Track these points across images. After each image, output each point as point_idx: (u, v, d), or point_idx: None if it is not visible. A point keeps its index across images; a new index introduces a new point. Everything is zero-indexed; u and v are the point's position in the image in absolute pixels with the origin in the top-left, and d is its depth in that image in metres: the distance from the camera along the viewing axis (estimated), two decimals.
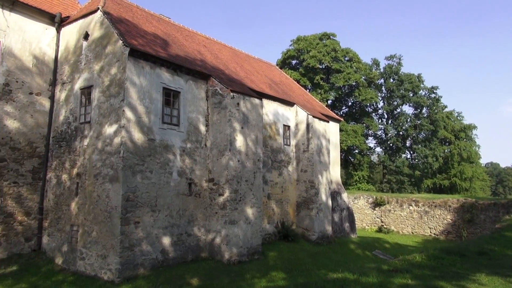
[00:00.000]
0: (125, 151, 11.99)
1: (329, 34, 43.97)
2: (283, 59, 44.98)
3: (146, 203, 12.48)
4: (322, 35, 44.01)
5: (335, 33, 44.13)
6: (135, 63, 12.58)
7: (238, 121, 14.83)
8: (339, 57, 42.42)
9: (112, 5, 14.92)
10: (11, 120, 13.54)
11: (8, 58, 13.61)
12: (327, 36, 43.93)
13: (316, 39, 43.46)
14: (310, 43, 42.83)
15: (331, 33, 44.07)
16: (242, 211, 14.55)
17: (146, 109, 12.79)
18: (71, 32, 14.55)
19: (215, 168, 14.66)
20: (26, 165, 13.89)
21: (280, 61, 45.07)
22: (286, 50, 44.98)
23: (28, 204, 13.87)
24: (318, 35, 44.05)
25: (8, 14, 13.69)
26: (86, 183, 12.87)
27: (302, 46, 42.94)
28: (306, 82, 41.83)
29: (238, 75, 18.46)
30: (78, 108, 13.72)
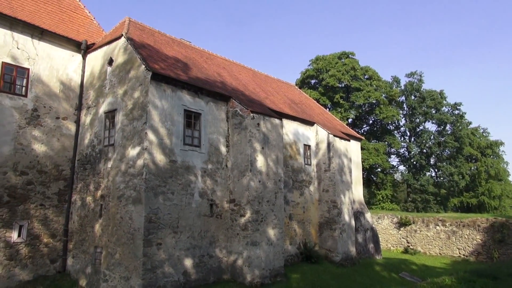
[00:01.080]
0: (148, 172, 12.15)
1: (347, 53, 44.06)
2: (302, 79, 45.20)
3: (168, 224, 12.52)
4: (340, 54, 44.14)
5: (353, 51, 44.21)
6: (157, 87, 12.87)
7: (259, 142, 14.87)
8: (358, 75, 42.33)
9: (135, 31, 15.41)
10: (38, 144, 13.97)
11: (36, 84, 14.15)
12: (345, 55, 44.02)
13: (335, 58, 43.59)
14: (329, 62, 42.98)
15: (350, 52, 44.17)
16: (263, 232, 14.41)
17: (168, 131, 13.00)
18: (96, 58, 15.07)
19: (236, 189, 14.65)
20: (52, 187, 14.23)
21: (299, 80, 45.29)
22: (305, 70, 45.24)
23: (54, 226, 14.13)
24: (336, 54, 44.20)
25: (37, 43, 14.31)
26: (109, 205, 13.05)
27: (321, 65, 43.12)
28: (326, 101, 41.79)
29: (258, 95, 18.62)
30: (102, 131, 14.06)
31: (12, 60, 13.59)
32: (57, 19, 15.62)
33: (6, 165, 13.08)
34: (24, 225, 13.31)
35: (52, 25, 14.93)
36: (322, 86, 42.64)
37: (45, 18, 15.03)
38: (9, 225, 12.96)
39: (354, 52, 44.30)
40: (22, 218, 13.29)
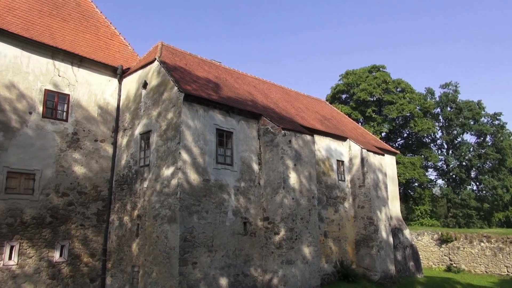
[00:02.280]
0: (182, 192, 12.33)
1: (378, 67, 43.54)
2: (333, 94, 44.94)
3: (203, 243, 12.59)
4: (371, 68, 43.68)
5: (384, 65, 43.63)
6: (190, 107, 13.16)
7: (291, 158, 14.81)
8: (390, 88, 41.61)
9: (168, 55, 15.93)
10: (78, 166, 14.53)
11: (76, 109, 14.82)
12: (376, 68, 43.51)
13: (365, 72, 43.17)
14: (359, 76, 42.60)
15: (381, 65, 43.63)
16: (298, 250, 14.20)
17: (200, 150, 13.20)
18: (132, 82, 15.64)
19: (270, 207, 14.59)
20: (91, 208, 14.69)
21: (329, 96, 45.06)
22: (335, 85, 45.01)
23: (93, 246, 14.52)
24: (367, 68, 43.77)
25: (76, 70, 15.05)
26: (146, 224, 13.30)
27: (351, 80, 42.79)
28: (357, 116, 41.24)
29: (289, 112, 18.64)
30: (138, 152, 14.46)
31: (54, 87, 14.34)
32: (95, 47, 16.40)
33: (49, 187, 13.66)
34: (66, 245, 13.77)
35: (90, 52, 15.68)
36: (353, 100, 42.19)
37: (84, 46, 15.83)
38: (52, 245, 13.44)
39: (385, 65, 43.74)
40: (63, 238, 13.75)
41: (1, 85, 13.08)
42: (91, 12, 18.06)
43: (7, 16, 14.04)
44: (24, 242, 12.82)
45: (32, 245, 13.00)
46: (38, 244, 13.14)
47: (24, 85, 13.61)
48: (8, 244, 12.50)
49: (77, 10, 17.39)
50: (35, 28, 14.61)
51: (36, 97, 13.82)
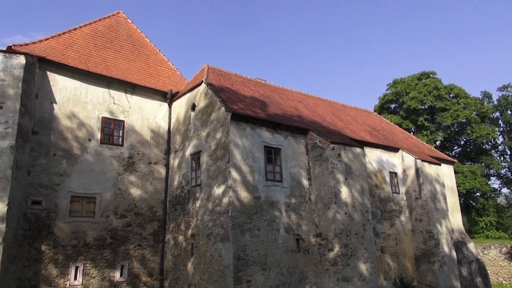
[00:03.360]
0: (233, 210, 12.45)
1: (428, 73, 41.93)
2: (381, 104, 43.75)
3: (256, 261, 12.55)
4: (420, 75, 42.15)
5: (434, 71, 41.93)
6: (237, 126, 13.38)
7: (341, 172, 14.52)
8: (442, 94, 39.80)
9: (214, 76, 16.39)
10: (134, 189, 15.16)
11: (131, 134, 15.57)
12: (426, 75, 41.91)
13: (415, 79, 41.70)
14: (408, 84, 41.22)
15: (431, 71, 41.99)
16: (354, 267, 13.74)
17: (250, 168, 13.31)
18: (181, 105, 16.22)
19: (322, 222, 14.32)
20: (148, 228, 15.21)
21: (377, 106, 43.91)
22: (383, 94, 43.83)
23: (151, 266, 14.96)
24: (416, 75, 42.29)
25: (130, 97, 15.88)
26: (200, 243, 13.52)
27: (399, 88, 41.50)
28: (409, 125, 39.75)
29: (336, 126, 18.38)
30: (189, 173, 14.85)
31: (110, 115, 15.20)
32: (146, 74, 17.25)
33: (108, 209, 14.35)
34: (125, 265, 14.30)
35: (141, 79, 16.52)
36: (403, 109, 40.78)
37: (136, 74, 16.71)
38: (113, 265, 14.02)
39: (435, 71, 42.02)
40: (123, 259, 14.31)
41: (64, 116, 14.08)
42: (141, 42, 19.09)
43: (66, 52, 15.19)
44: (87, 263, 13.49)
45: (95, 265, 13.63)
46: (100, 265, 13.76)
47: (84, 114, 14.56)
48: (73, 265, 13.21)
49: (128, 41, 18.47)
50: (92, 61, 15.66)
51: (94, 124, 14.71)
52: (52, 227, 13.08)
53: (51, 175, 13.38)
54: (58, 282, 12.83)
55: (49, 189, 13.27)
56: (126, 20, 19.60)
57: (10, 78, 12.30)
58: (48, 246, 12.87)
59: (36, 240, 12.72)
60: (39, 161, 13.27)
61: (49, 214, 13.11)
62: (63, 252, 13.11)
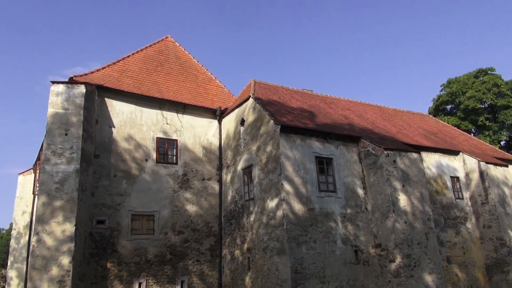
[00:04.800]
0: (288, 223, 12.34)
1: (485, 70, 39.48)
2: (436, 106, 41.71)
3: (314, 274, 12.30)
4: (477, 73, 39.78)
5: (493, 67, 39.42)
6: (287, 138, 13.36)
7: (398, 180, 13.97)
8: (504, 91, 37.21)
9: (261, 91, 16.56)
10: (190, 205, 15.55)
11: (184, 152, 16.06)
12: (483, 72, 39.48)
13: (471, 78, 39.42)
14: (464, 83, 39.03)
15: (488, 68, 39.50)
16: (419, 278, 13.04)
17: (302, 179, 13.18)
18: (230, 121, 16.52)
19: (381, 232, 13.79)
20: (205, 244, 15.47)
21: (432, 108, 41.92)
22: (437, 96, 41.79)
23: (209, 280, 15.15)
24: (472, 73, 39.97)
25: (181, 117, 16.43)
26: (256, 257, 13.52)
27: (455, 88, 39.38)
28: (468, 126, 37.49)
29: (389, 131, 17.78)
30: (242, 187, 14.99)
31: (163, 135, 15.81)
32: (195, 93, 17.81)
33: (166, 226, 14.81)
34: (185, 280, 14.61)
35: (191, 99, 17.07)
36: (461, 110, 38.58)
37: (186, 94, 17.30)
38: (173, 281, 14.37)
39: (493, 67, 39.48)
40: (182, 274, 14.63)
41: (121, 138, 14.84)
42: (189, 63, 19.79)
43: (121, 78, 16.09)
44: (149, 279, 13.94)
45: (157, 281, 14.05)
46: (162, 280, 14.16)
47: (140, 135, 15.26)
48: (136, 281, 13.70)
49: (177, 63, 19.22)
50: (144, 85, 16.45)
51: (150, 145, 15.36)
52: (116, 245, 13.71)
53: (112, 195, 14.10)
54: None
55: (112, 208, 13.97)
56: (174, 43, 20.45)
57: (73, 107, 13.22)
58: (113, 264, 13.48)
59: (102, 258, 13.38)
60: (102, 182, 14.04)
61: (113, 233, 13.77)
62: (127, 269, 13.66)
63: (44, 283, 11.14)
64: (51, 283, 11.17)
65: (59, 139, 12.73)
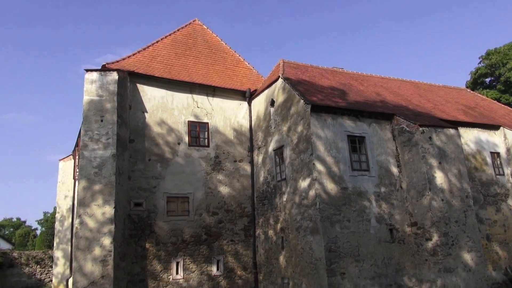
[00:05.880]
0: (321, 202, 12.32)
1: None
2: (474, 80, 39.88)
3: (349, 253, 12.29)
4: None
5: None
6: (318, 118, 13.21)
7: (434, 157, 13.57)
8: None
9: (290, 70, 16.36)
10: (223, 187, 15.79)
11: (215, 135, 16.23)
12: None
13: None
14: (505, 54, 37.00)
15: None
16: (457, 256, 12.77)
17: (334, 159, 13.06)
18: (260, 103, 16.48)
19: (416, 211, 13.52)
20: (238, 224, 15.73)
21: (470, 82, 40.12)
22: (475, 69, 39.92)
23: (244, 260, 15.46)
24: None
25: (211, 100, 16.55)
26: (289, 237, 13.63)
27: (494, 60, 37.43)
28: (509, 99, 35.69)
29: (424, 107, 17.22)
30: (274, 168, 15.03)
31: (194, 118, 16.00)
32: (224, 75, 17.84)
33: (201, 208, 15.15)
34: (220, 259, 14.97)
35: (221, 81, 17.12)
36: (501, 83, 36.73)
37: (215, 77, 17.36)
38: (209, 260, 14.77)
39: None
40: (218, 254, 15.00)
41: (154, 123, 15.15)
42: (217, 45, 19.77)
43: (152, 64, 16.32)
44: (186, 258, 14.39)
45: (193, 260, 14.49)
46: (198, 260, 14.58)
47: (171, 120, 15.51)
48: (174, 261, 14.18)
49: (205, 46, 19.25)
50: (174, 69, 16.62)
51: (182, 129, 15.60)
52: (153, 226, 14.18)
53: (148, 178, 14.51)
54: (162, 276, 13.89)
55: (148, 191, 14.40)
56: (201, 26, 20.45)
57: (107, 94, 13.58)
58: (151, 244, 13.99)
59: (141, 239, 13.90)
60: (137, 166, 14.46)
61: (150, 214, 14.23)
62: (165, 249, 14.14)
63: (88, 262, 11.73)
64: (94, 263, 11.75)
65: (95, 126, 13.15)
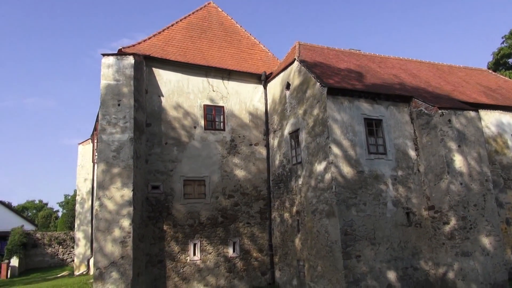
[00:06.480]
0: (337, 185, 12.30)
1: None
2: (496, 61, 38.70)
3: (364, 236, 12.29)
4: None
5: None
6: (334, 100, 13.06)
7: (453, 140, 13.32)
8: None
9: (306, 53, 16.14)
10: (239, 170, 15.87)
11: (230, 118, 16.25)
12: None
13: None
14: None
15: None
16: (475, 240, 12.63)
17: (350, 142, 12.96)
18: (275, 86, 16.37)
19: (434, 194, 13.38)
20: (254, 207, 15.86)
21: (492, 63, 38.97)
22: (498, 49, 38.67)
23: (260, 242, 15.63)
24: None
25: (227, 83, 16.51)
26: (305, 220, 13.69)
27: None
28: None
29: (444, 89, 16.83)
30: (289, 151, 15.01)
31: (210, 102, 16.02)
32: (239, 59, 17.73)
33: (217, 191, 15.30)
34: (236, 241, 15.18)
35: (236, 65, 17.02)
36: None
37: (230, 60, 17.27)
38: (225, 242, 14.99)
39: None
40: (234, 236, 15.20)
41: (170, 107, 15.24)
42: (232, 28, 19.61)
43: (167, 48, 16.32)
44: (203, 240, 14.63)
45: (210, 242, 14.73)
46: (215, 242, 14.82)
47: (187, 103, 15.57)
48: (191, 242, 14.44)
49: (220, 29, 19.11)
50: (190, 53, 16.59)
51: (197, 112, 15.66)
52: (171, 208, 14.42)
53: (165, 162, 14.69)
54: (180, 257, 14.18)
55: (165, 174, 14.60)
56: (216, 9, 20.28)
57: (123, 78, 13.67)
58: (169, 226, 14.25)
59: (159, 221, 14.17)
60: (154, 150, 14.64)
61: (167, 197, 14.46)
62: (182, 231, 14.39)
63: (108, 243, 12.05)
64: (114, 243, 12.06)
65: (113, 110, 13.29)
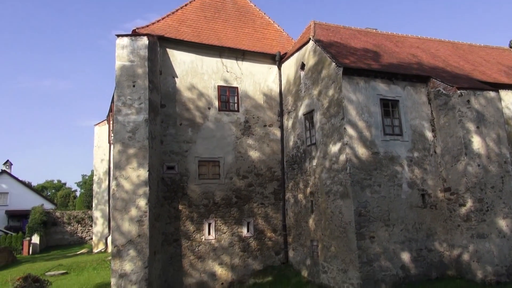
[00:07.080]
0: (351, 167, 12.24)
1: None
2: None
3: (379, 217, 12.28)
4: None
5: None
6: (350, 81, 12.87)
7: (471, 121, 13.05)
8: None
9: (321, 32, 15.86)
10: (253, 151, 15.91)
11: (244, 99, 16.19)
12: None
13: None
14: None
15: None
16: (491, 223, 12.50)
17: (366, 123, 12.81)
18: (290, 66, 16.18)
19: (450, 176, 13.21)
20: (268, 188, 15.94)
21: None
22: None
23: (274, 222, 15.77)
24: None
25: (241, 64, 16.38)
26: (319, 201, 13.72)
27: None
28: None
29: (463, 69, 16.41)
30: (303, 132, 14.95)
31: (224, 83, 15.97)
32: (253, 39, 17.53)
33: (231, 171, 15.40)
34: (251, 221, 15.34)
35: (250, 45, 16.85)
36: None
37: (244, 40, 17.09)
38: (240, 222, 15.16)
39: None
40: (248, 216, 15.35)
41: (185, 88, 15.25)
42: (246, 8, 19.33)
43: (181, 28, 16.22)
44: (218, 220, 14.83)
45: (224, 222, 14.92)
46: (229, 221, 15.00)
47: (201, 84, 15.56)
48: (206, 222, 14.66)
49: (234, 9, 18.87)
50: (203, 33, 16.47)
51: (211, 93, 15.65)
52: (186, 188, 14.60)
53: (180, 142, 14.80)
54: (195, 236, 14.43)
55: (180, 155, 14.73)
56: None
57: (138, 59, 13.67)
58: (184, 206, 14.46)
59: (174, 201, 14.39)
60: (169, 131, 14.75)
61: (182, 178, 14.63)
62: (197, 211, 14.60)
63: (125, 222, 12.31)
64: (131, 222, 12.32)
65: (128, 91, 13.36)
